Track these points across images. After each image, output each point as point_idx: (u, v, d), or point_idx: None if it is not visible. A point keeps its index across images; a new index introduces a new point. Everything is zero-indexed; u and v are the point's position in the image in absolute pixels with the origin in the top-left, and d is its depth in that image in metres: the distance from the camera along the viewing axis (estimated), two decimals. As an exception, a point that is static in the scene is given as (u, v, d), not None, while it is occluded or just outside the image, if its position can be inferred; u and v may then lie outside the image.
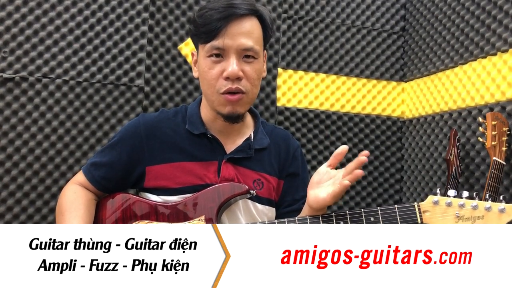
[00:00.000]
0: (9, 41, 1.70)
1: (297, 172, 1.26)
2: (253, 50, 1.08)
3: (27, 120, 1.71)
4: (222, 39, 1.05)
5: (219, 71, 1.08)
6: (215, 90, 1.09)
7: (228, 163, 1.15)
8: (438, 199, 0.98)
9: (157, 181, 1.14)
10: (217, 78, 1.08)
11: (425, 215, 0.97)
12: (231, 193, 1.11)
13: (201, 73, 1.12)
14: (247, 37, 1.07)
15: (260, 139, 1.21)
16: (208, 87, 1.10)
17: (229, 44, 1.06)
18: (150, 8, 1.86)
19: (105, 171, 1.16)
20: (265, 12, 1.12)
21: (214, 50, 1.07)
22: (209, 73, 1.08)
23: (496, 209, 0.94)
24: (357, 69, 2.13)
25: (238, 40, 1.06)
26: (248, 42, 1.07)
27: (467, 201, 0.96)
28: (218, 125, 1.17)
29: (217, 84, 1.08)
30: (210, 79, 1.09)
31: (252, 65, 1.09)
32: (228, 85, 1.07)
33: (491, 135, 1.49)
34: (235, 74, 1.06)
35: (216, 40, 1.06)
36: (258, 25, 1.11)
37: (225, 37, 1.05)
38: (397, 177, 2.16)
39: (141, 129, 1.17)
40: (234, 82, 1.07)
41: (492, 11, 1.67)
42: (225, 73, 1.06)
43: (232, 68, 1.06)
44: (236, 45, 1.06)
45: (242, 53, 1.08)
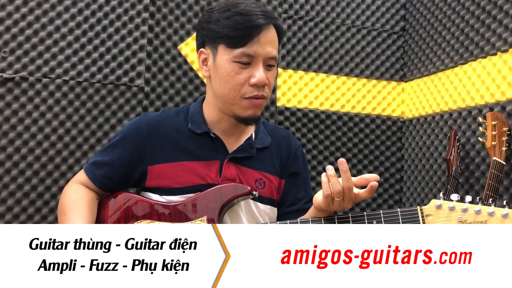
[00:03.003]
0: (9, 41, 1.70)
1: (299, 171, 1.26)
2: (275, 58, 1.12)
3: (27, 120, 1.70)
4: (254, 47, 1.07)
5: (246, 77, 1.09)
6: (239, 94, 1.10)
7: (230, 163, 1.16)
8: (441, 203, 0.97)
9: (158, 181, 1.15)
10: (243, 84, 1.09)
11: (428, 219, 0.97)
12: (234, 194, 1.11)
13: (223, 75, 1.10)
14: (272, 46, 1.10)
15: (261, 138, 1.22)
16: (230, 90, 1.10)
17: (259, 52, 1.08)
18: (150, 8, 1.86)
19: (106, 170, 1.16)
20: (280, 21, 1.16)
21: (245, 58, 1.08)
22: (236, 77, 1.09)
23: (499, 214, 0.93)
24: (357, 69, 2.13)
25: (267, 48, 1.09)
26: (273, 51, 1.10)
27: (470, 205, 0.95)
28: (223, 125, 1.18)
29: (242, 89, 1.09)
30: (236, 83, 1.09)
31: (272, 72, 1.13)
32: (255, 92, 1.10)
33: (491, 135, 1.49)
34: (263, 82, 1.09)
35: (247, 47, 1.07)
36: (276, 34, 1.14)
37: (258, 45, 1.07)
38: (397, 177, 2.16)
39: (143, 128, 1.17)
40: (259, 89, 1.10)
41: (492, 11, 1.67)
42: (255, 80, 1.08)
43: (261, 76, 1.08)
44: (265, 53, 1.09)
45: (267, 62, 1.10)
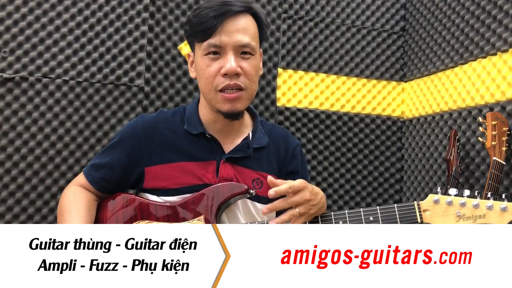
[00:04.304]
0: (9, 41, 1.70)
1: (297, 170, 1.26)
2: (249, 46, 1.08)
3: (27, 120, 1.70)
4: (218, 37, 1.05)
5: (217, 68, 1.07)
6: (213, 87, 1.08)
7: (226, 163, 1.15)
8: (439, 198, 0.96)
9: (156, 182, 1.14)
10: (214, 76, 1.08)
11: (425, 214, 0.96)
12: (230, 192, 1.11)
13: (198, 71, 1.12)
14: (243, 34, 1.07)
15: (258, 138, 1.21)
16: (205, 85, 1.10)
17: (226, 41, 1.06)
18: (150, 8, 1.86)
19: (104, 172, 1.17)
20: (259, 9, 1.13)
21: (211, 48, 1.07)
22: (207, 70, 1.08)
23: (498, 207, 0.92)
24: (357, 69, 2.13)
25: (235, 37, 1.06)
26: (244, 38, 1.07)
27: (468, 199, 0.94)
28: (218, 124, 1.17)
29: (214, 81, 1.08)
30: (207, 76, 1.08)
31: (250, 61, 1.09)
32: (227, 82, 1.07)
33: (491, 135, 1.49)
34: (233, 70, 1.06)
35: (212, 38, 1.06)
36: (254, 22, 1.11)
37: (222, 34, 1.05)
38: (397, 177, 2.16)
39: (139, 130, 1.17)
40: (232, 78, 1.07)
41: (492, 11, 1.67)
42: (223, 69, 1.06)
43: (230, 64, 1.05)
44: (233, 41, 1.06)
45: (239, 50, 1.08)
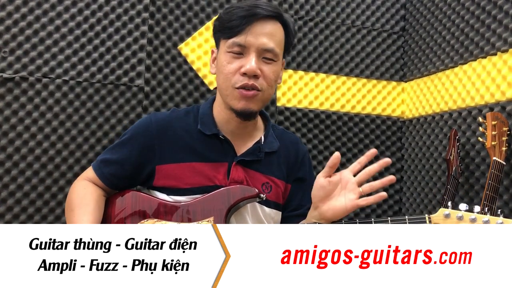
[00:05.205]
0: (9, 41, 1.70)
1: (305, 177, 1.26)
2: (273, 52, 1.09)
3: (27, 120, 1.70)
4: (244, 36, 1.07)
5: (237, 66, 1.08)
6: (231, 84, 1.09)
7: (238, 165, 1.15)
8: (450, 212, 0.96)
9: (166, 181, 1.14)
10: (234, 73, 1.09)
11: (436, 228, 0.97)
12: (241, 196, 1.11)
13: (219, 67, 1.12)
14: (269, 38, 1.08)
15: (270, 142, 1.21)
16: (224, 81, 1.10)
17: (251, 41, 1.07)
18: (150, 8, 1.86)
19: (115, 169, 1.16)
20: (289, 18, 1.14)
21: (235, 47, 1.08)
22: (227, 67, 1.09)
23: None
24: (357, 69, 2.13)
25: (260, 39, 1.07)
26: (269, 43, 1.08)
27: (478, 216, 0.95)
28: (231, 125, 1.17)
29: (233, 78, 1.09)
30: (227, 73, 1.09)
31: (270, 66, 1.11)
32: (245, 81, 1.08)
33: (491, 135, 1.49)
34: (252, 71, 1.07)
35: (238, 36, 1.07)
36: (281, 30, 1.12)
37: (248, 34, 1.07)
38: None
39: (152, 128, 1.17)
40: (250, 78, 1.08)
41: (492, 11, 1.67)
42: (243, 68, 1.07)
43: (251, 64, 1.07)
44: (257, 43, 1.07)
45: (262, 53, 1.09)
